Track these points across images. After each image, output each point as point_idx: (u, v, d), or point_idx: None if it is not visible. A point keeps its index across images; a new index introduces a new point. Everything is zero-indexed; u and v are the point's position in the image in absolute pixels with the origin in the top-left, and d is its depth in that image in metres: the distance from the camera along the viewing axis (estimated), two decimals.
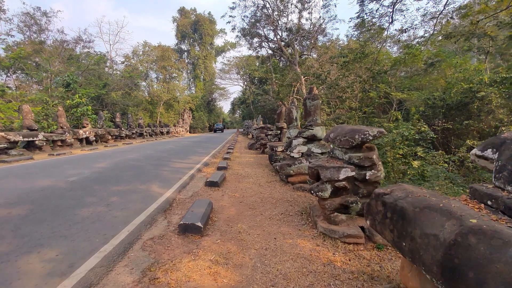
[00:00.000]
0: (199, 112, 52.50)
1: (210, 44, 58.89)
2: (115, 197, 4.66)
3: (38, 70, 25.02)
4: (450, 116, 18.31)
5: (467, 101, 17.15)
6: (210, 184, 5.96)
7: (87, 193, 4.88)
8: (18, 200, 4.38)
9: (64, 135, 14.80)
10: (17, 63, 23.20)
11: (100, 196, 4.72)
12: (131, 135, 23.53)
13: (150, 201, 4.51)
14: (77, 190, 5.11)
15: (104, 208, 4.09)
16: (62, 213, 3.83)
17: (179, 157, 10.59)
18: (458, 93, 17.09)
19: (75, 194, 4.83)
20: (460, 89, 16.85)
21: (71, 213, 3.86)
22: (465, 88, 16.51)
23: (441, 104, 18.35)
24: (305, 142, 6.03)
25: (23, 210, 3.93)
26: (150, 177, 6.45)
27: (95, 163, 8.34)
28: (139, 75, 34.32)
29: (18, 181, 5.81)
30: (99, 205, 4.22)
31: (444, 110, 18.27)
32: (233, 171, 8.13)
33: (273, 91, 28.13)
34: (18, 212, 3.84)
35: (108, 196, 4.70)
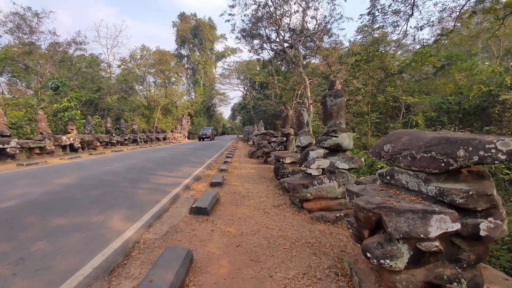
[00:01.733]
0: (199, 118, 51.08)
1: (210, 49, 57.95)
2: (43, 242, 3.05)
3: (27, 72, 23.66)
4: (467, 121, 16.77)
5: (486, 105, 15.60)
6: (196, 212, 4.35)
7: (3, 234, 3.27)
8: None
9: (43, 141, 13.23)
10: (2, 64, 21.82)
11: (20, 239, 3.10)
12: (123, 142, 21.98)
13: (95, 250, 2.89)
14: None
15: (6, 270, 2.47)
16: None
17: (167, 168, 8.98)
18: (476, 96, 15.59)
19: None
20: (479, 92, 15.36)
21: None
22: (484, 91, 15.01)
23: (457, 109, 16.84)
24: (326, 154, 4.43)
25: None
26: (118, 200, 4.83)
27: (58, 178, 6.72)
28: (134, 78, 32.97)
29: None
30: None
31: (461, 115, 16.74)
32: (230, 187, 6.52)
33: (275, 95, 26.68)
34: None
35: (32, 240, 3.09)
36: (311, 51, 22.18)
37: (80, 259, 2.66)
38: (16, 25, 24.00)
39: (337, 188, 4.20)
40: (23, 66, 24.03)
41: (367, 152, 9.77)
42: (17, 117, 17.50)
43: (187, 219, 4.13)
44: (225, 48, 62.37)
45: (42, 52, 25.78)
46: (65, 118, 19.47)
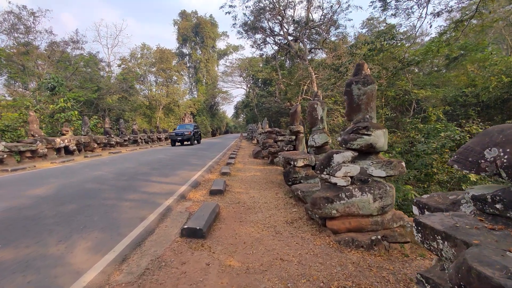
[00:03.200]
0: (202, 117, 50.24)
1: (212, 47, 57.02)
2: None
3: (24, 73, 22.99)
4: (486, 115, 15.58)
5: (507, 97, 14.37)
6: (189, 234, 3.39)
7: None
8: None
9: (34, 144, 12.42)
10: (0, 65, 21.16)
11: None
12: (122, 143, 21.16)
13: None
14: None
15: None
16: None
17: (163, 172, 8.05)
18: (496, 88, 14.36)
19: None
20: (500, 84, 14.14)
21: None
22: (506, 82, 13.80)
23: (474, 102, 15.62)
24: (354, 158, 3.43)
25: None
26: (92, 219, 3.89)
27: (34, 187, 5.82)
28: (134, 77, 32.19)
29: None
30: None
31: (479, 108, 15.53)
32: (233, 196, 5.55)
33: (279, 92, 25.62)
34: None
35: None
36: (317, 44, 21.05)
37: None
38: (11, 24, 23.28)
39: (372, 203, 3.20)
40: (20, 66, 23.36)
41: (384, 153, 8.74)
42: (11, 119, 16.77)
43: (177, 246, 3.17)
44: (227, 46, 61.39)
45: (40, 52, 25.07)
46: (62, 119, 18.74)
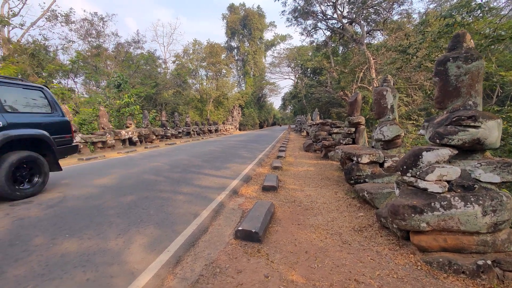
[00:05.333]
0: (249, 109, 50.82)
1: (259, 39, 56.74)
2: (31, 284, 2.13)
3: (96, 73, 25.97)
4: None
5: None
6: (244, 236, 3.08)
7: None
8: None
9: (104, 136, 13.85)
10: (76, 66, 24.25)
11: (4, 278, 2.26)
12: (177, 134, 22.47)
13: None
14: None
15: None
16: None
17: (214, 165, 8.05)
18: None
19: None
20: None
21: None
22: None
23: None
24: (452, 157, 2.65)
25: None
26: (149, 212, 3.89)
27: (100, 177, 6.27)
28: (187, 72, 33.86)
29: None
30: None
31: None
32: (288, 193, 5.13)
33: (331, 80, 24.01)
34: None
35: (15, 283, 2.21)
36: (376, 25, 18.90)
37: None
38: (86, 30, 26.40)
39: (481, 217, 2.42)
40: (93, 67, 26.44)
41: None
42: (87, 114, 19.07)
43: (231, 249, 2.89)
44: (274, 36, 60.51)
45: (108, 53, 28.00)
46: (126, 114, 20.63)
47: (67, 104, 19.01)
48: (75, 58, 24.46)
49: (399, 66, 11.25)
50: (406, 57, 10.36)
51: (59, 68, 23.69)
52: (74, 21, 25.82)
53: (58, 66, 23.57)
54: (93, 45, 26.98)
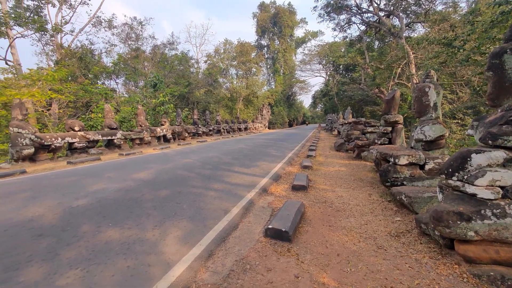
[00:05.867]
0: (279, 107, 50.60)
1: (290, 36, 56.10)
2: (77, 270, 2.37)
3: (135, 74, 27.71)
4: None
5: None
6: (274, 235, 3.08)
7: (45, 249, 2.78)
8: None
9: (141, 133, 14.73)
10: (118, 68, 26.08)
11: (56, 262, 2.53)
12: (208, 132, 23.14)
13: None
14: (49, 234, 3.12)
15: None
16: None
17: (243, 162, 8.15)
18: None
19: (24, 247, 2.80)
20: None
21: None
22: None
23: None
24: (508, 161, 2.38)
25: None
26: (182, 206, 4.06)
27: (138, 171, 6.69)
28: (218, 71, 34.66)
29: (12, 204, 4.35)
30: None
31: None
32: (318, 193, 5.01)
33: (366, 77, 22.92)
34: None
35: (68, 265, 2.49)
36: (416, 17, 17.60)
37: None
38: (126, 34, 28.24)
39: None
40: (132, 68, 28.24)
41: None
42: (127, 112, 20.43)
43: (261, 247, 2.90)
44: (305, 33, 59.36)
45: (146, 55, 29.70)
46: (161, 112, 21.73)
47: (109, 103, 20.51)
48: (116, 60, 26.34)
49: (443, 60, 10.35)
50: (452, 51, 9.49)
51: (103, 70, 25.69)
52: (116, 26, 27.81)
53: (102, 68, 25.58)
54: (132, 48, 28.80)
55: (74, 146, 10.72)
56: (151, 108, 22.84)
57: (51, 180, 5.86)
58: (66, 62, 22.27)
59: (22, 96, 13.82)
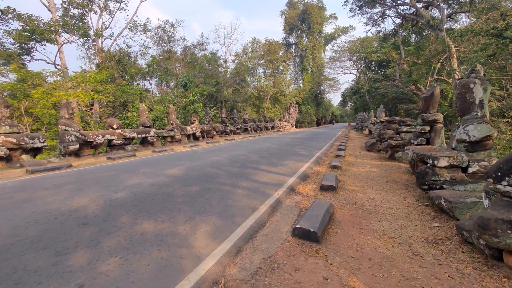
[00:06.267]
0: (306, 106, 49.78)
1: (318, 33, 54.81)
2: (116, 258, 2.54)
3: (167, 74, 28.99)
4: None
5: None
6: (301, 235, 3.05)
7: (90, 238, 3.01)
8: None
9: (172, 131, 15.38)
10: (151, 69, 27.47)
11: (98, 249, 2.74)
12: (235, 131, 23.48)
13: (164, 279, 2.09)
14: (92, 223, 3.39)
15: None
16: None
17: (271, 161, 8.15)
18: None
19: (73, 233, 3.06)
20: None
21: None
22: None
23: None
24: None
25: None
26: (211, 203, 4.17)
27: (170, 167, 7.00)
28: (246, 71, 34.97)
29: (55, 197, 4.78)
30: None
31: None
32: (348, 194, 4.86)
33: (401, 73, 21.64)
34: None
35: (107, 253, 2.67)
36: (459, 6, 16.17)
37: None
38: (159, 36, 29.61)
39: None
40: (165, 69, 29.56)
41: None
42: (159, 111, 21.44)
43: (289, 246, 2.89)
44: (335, 29, 57.67)
45: (177, 56, 30.91)
46: (191, 111, 22.49)
47: (144, 103, 21.70)
48: (150, 62, 27.74)
49: (491, 53, 9.39)
50: (502, 42, 8.57)
51: (138, 71, 27.23)
52: (150, 29, 29.28)
53: (137, 69, 27.12)
54: (165, 50, 30.14)
55: (113, 143, 11.51)
56: (182, 107, 23.73)
57: (93, 174, 6.36)
58: (106, 64, 23.97)
59: (69, 97, 15.15)
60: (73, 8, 23.47)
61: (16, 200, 4.34)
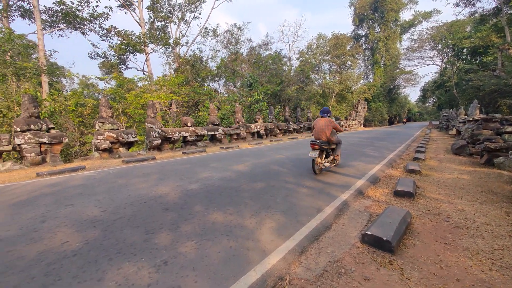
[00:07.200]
0: (377, 103, 45.56)
1: (394, 21, 49.38)
2: (191, 243, 2.83)
3: (233, 75, 30.61)
4: None
5: None
6: (372, 242, 2.82)
7: (169, 221, 3.41)
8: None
9: (238, 129, 16.19)
10: (220, 71, 29.42)
11: (176, 234, 3.08)
12: (298, 129, 23.23)
13: (226, 278, 2.25)
14: (173, 209, 3.83)
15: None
16: None
17: None
18: None
19: (164, 216, 3.50)
20: None
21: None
22: None
23: None
24: None
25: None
26: (276, 200, 4.24)
27: (236, 163, 7.39)
28: (310, 68, 34.11)
29: (132, 187, 5.52)
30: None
31: None
32: (429, 203, 4.26)
33: (504, 60, 17.72)
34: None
35: (184, 237, 2.97)
36: None
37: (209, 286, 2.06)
38: (227, 40, 31.44)
39: None
40: (232, 70, 31.25)
41: None
42: (226, 110, 22.83)
43: (357, 253, 2.71)
44: (414, 15, 50.84)
45: (243, 57, 32.30)
46: (256, 109, 23.23)
47: (213, 102, 23.45)
48: (219, 64, 29.74)
49: None
50: None
51: (209, 73, 29.52)
52: (219, 34, 31.35)
53: (208, 72, 29.44)
54: (232, 52, 31.86)
55: (187, 139, 12.82)
56: (247, 106, 24.73)
57: (172, 166, 7.22)
58: (182, 69, 26.79)
59: (153, 99, 17.51)
60: (157, 21, 26.97)
61: (116, 185, 5.28)
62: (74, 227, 3.20)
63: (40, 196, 4.62)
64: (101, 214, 3.61)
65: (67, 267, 2.35)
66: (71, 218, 3.49)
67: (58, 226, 3.25)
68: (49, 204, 4.10)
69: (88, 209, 3.81)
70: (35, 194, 4.73)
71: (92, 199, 4.30)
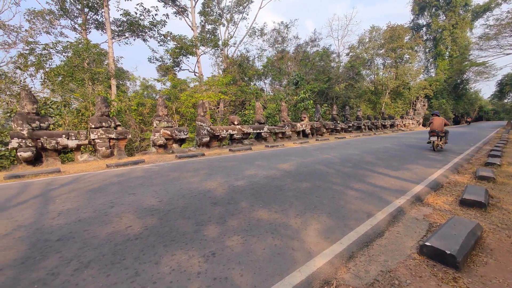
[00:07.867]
0: (440, 100, 40.69)
1: (463, 6, 43.45)
2: (237, 237, 2.90)
3: (279, 73, 30.54)
4: None
5: None
6: (432, 255, 2.54)
7: (219, 213, 3.55)
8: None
9: (284, 128, 16.13)
10: (266, 70, 29.62)
11: (223, 228, 3.19)
12: (347, 129, 22.11)
13: (271, 276, 2.25)
14: (220, 204, 4.00)
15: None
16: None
17: (389, 164, 7.18)
18: None
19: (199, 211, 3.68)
20: None
21: None
22: None
23: None
24: None
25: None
26: (322, 201, 4.10)
27: (281, 162, 7.36)
28: (361, 63, 32.07)
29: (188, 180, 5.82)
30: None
31: None
32: (505, 216, 3.65)
33: None
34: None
35: (230, 232, 3.08)
36: None
37: (252, 283, 2.09)
38: (274, 38, 31.44)
39: None
40: (277, 69, 31.21)
41: None
42: (271, 109, 22.91)
43: (414, 265, 2.47)
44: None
45: (289, 55, 31.97)
46: (301, 108, 22.83)
47: (259, 101, 23.78)
48: (265, 63, 29.95)
49: None
50: None
51: (255, 73, 29.97)
52: (266, 33, 31.52)
53: (254, 71, 29.90)
54: (278, 50, 31.78)
55: (234, 137, 13.24)
56: (292, 105, 24.45)
57: (220, 163, 7.54)
58: (230, 69, 27.71)
59: (203, 98, 18.50)
60: (208, 24, 28.36)
61: (170, 178, 5.73)
62: (136, 214, 3.57)
63: (109, 184, 5.29)
64: (157, 204, 3.96)
65: (130, 249, 2.64)
66: (134, 206, 3.91)
67: (123, 212, 3.67)
68: (116, 192, 4.66)
69: (147, 199, 4.22)
70: (105, 183, 5.42)
71: (150, 190, 4.75)
